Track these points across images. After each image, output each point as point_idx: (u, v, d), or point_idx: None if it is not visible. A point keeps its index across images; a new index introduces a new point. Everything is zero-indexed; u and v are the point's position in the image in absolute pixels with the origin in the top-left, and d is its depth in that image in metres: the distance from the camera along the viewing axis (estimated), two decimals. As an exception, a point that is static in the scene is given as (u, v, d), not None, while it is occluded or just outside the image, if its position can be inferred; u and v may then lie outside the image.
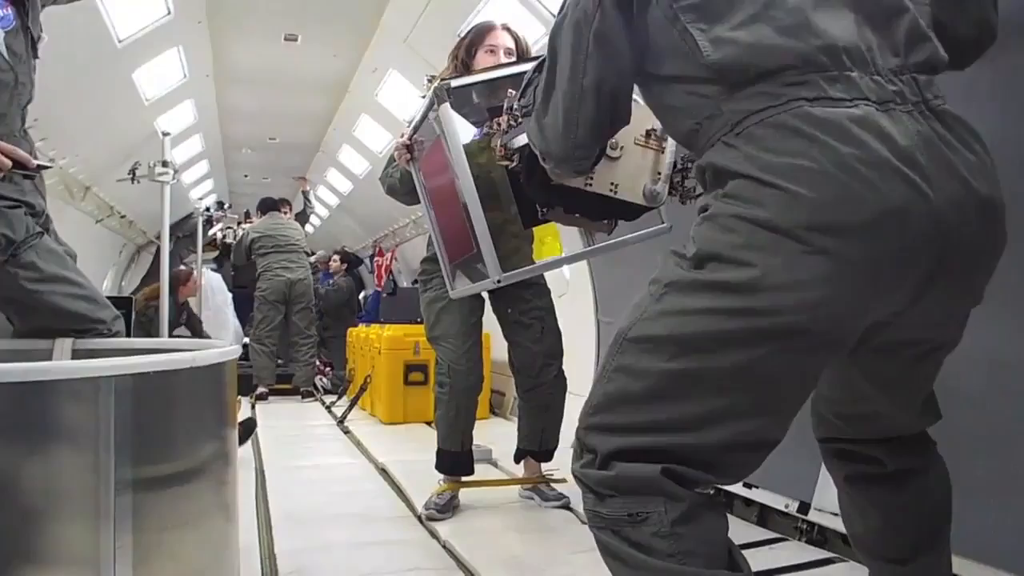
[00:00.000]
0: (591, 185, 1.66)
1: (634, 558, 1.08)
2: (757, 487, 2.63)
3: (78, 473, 1.28)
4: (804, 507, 2.39)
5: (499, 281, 1.90)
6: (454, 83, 1.93)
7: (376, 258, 8.66)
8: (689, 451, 1.08)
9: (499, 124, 1.69)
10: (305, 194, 7.74)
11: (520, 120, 1.58)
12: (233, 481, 1.73)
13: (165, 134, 3.89)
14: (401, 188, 2.73)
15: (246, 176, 9.19)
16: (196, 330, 6.24)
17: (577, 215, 1.76)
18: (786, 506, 2.48)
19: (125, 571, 1.31)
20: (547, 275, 2.98)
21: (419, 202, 2.70)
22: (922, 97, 1.06)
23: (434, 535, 2.57)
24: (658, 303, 1.12)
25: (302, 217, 7.46)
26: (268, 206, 6.67)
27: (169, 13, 4.05)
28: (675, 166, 1.81)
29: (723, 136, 1.09)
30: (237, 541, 1.79)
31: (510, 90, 1.69)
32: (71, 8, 3.40)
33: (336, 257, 8.25)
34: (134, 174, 3.98)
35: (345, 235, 9.95)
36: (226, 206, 7.46)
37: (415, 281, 4.34)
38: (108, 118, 4.85)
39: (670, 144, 1.78)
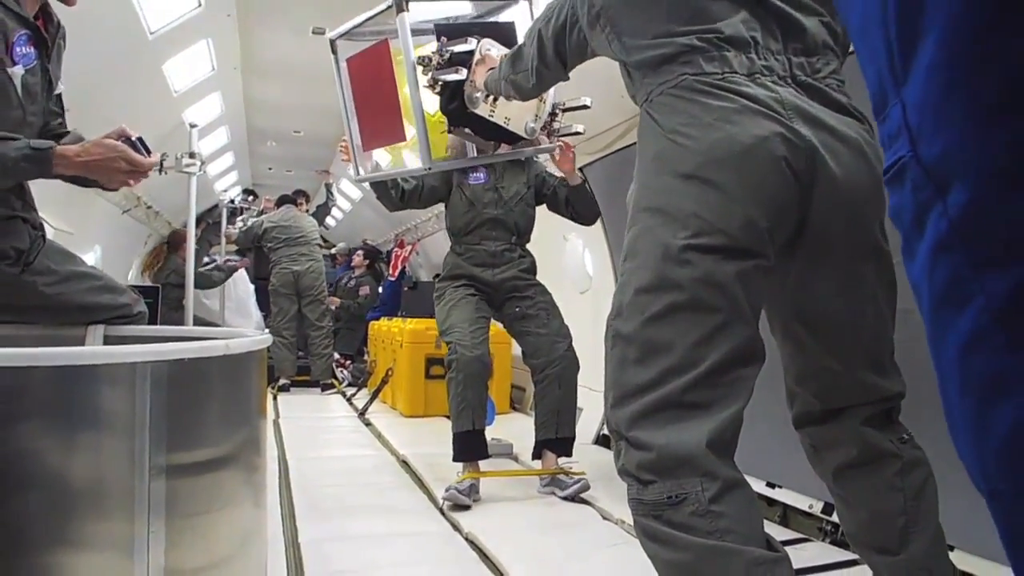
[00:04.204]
0: (493, 115, 2.14)
1: (675, 538, 1.15)
2: (780, 487, 2.62)
3: (114, 458, 1.30)
4: (828, 508, 2.37)
5: (429, 169, 2.30)
6: None
7: (396, 249, 8.66)
8: (695, 383, 1.18)
9: (430, 59, 2.08)
10: (328, 187, 7.77)
11: (446, 59, 2.03)
12: (263, 468, 1.75)
13: (192, 126, 3.92)
14: (382, 192, 3.00)
15: (270, 168, 9.23)
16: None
17: (474, 134, 2.29)
18: (810, 506, 2.47)
19: (158, 556, 1.32)
20: (569, 271, 3.03)
21: (401, 207, 3.08)
22: (791, 73, 1.29)
23: (456, 528, 2.58)
24: (623, 275, 1.30)
25: (323, 210, 7.48)
26: (284, 199, 6.75)
27: (200, 6, 4.06)
28: (551, 112, 2.35)
29: (643, 104, 1.38)
30: (265, 528, 1.81)
31: (443, 36, 2.09)
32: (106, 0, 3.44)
33: (360, 253, 8.23)
34: (161, 165, 4.00)
35: (367, 228, 9.98)
36: (251, 199, 7.51)
37: (436, 276, 4.36)
38: (138, 109, 4.88)
39: (550, 96, 2.32)
